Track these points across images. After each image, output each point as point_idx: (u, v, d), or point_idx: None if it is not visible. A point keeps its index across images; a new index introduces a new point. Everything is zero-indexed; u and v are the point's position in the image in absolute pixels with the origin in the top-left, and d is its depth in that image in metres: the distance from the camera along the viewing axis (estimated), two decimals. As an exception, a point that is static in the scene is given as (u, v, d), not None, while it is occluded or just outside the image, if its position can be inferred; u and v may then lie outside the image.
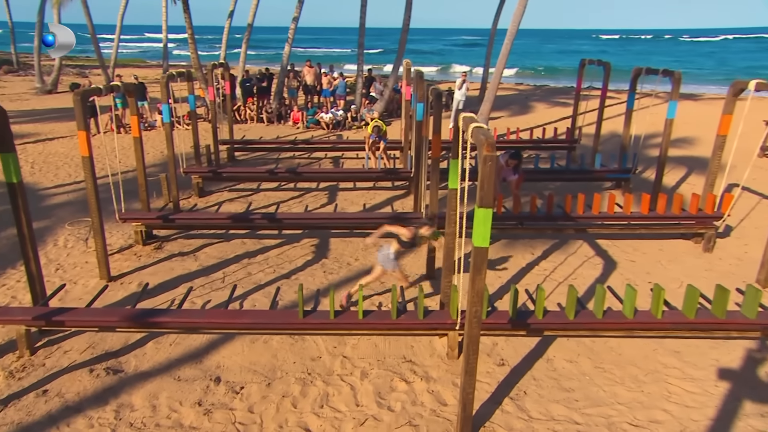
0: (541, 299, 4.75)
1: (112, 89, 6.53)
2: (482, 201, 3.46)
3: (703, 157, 12.82)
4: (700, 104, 23.57)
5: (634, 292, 4.72)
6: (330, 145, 13.30)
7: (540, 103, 24.07)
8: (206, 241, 7.99)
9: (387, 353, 5.25)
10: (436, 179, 6.31)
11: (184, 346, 5.28)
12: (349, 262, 7.37)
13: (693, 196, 7.70)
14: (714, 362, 5.24)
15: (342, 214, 8.43)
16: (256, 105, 18.75)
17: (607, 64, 11.69)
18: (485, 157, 3.36)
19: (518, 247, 7.93)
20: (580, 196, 7.67)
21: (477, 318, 3.72)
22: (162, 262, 7.23)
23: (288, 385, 4.73)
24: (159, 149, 13.65)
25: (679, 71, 9.07)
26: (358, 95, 19.50)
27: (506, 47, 15.95)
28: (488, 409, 4.51)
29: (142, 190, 7.74)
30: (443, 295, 5.32)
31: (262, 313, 5.17)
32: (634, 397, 4.71)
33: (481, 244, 3.55)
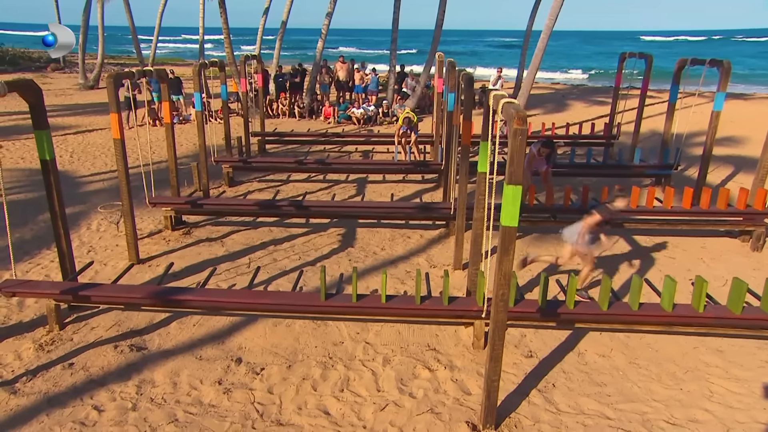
0: (572, 288, 4.52)
1: (144, 74, 6.61)
2: (511, 178, 3.29)
3: (751, 157, 12.15)
4: (750, 103, 22.47)
5: (674, 283, 4.44)
6: (361, 139, 13.24)
7: (577, 102, 23.45)
8: (234, 228, 8.02)
9: (411, 341, 5.11)
10: (466, 167, 6.13)
11: (207, 327, 5.27)
12: (375, 252, 7.26)
13: (741, 191, 7.26)
14: (762, 364, 4.89)
15: (369, 203, 8.34)
16: (288, 100, 18.89)
17: (649, 56, 11.23)
18: (515, 131, 3.19)
19: (550, 240, 7.65)
20: (617, 189, 7.31)
21: (504, 301, 3.54)
22: (189, 247, 7.28)
23: (309, 368, 4.65)
24: (193, 141, 13.86)
25: (728, 60, 8.61)
26: (390, 91, 19.41)
27: (542, 42, 15.59)
28: (514, 401, 4.32)
29: (173, 176, 7.83)
30: (470, 282, 5.14)
31: (285, 294, 5.11)
32: (671, 395, 4.43)
33: (510, 224, 3.38)
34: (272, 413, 4.10)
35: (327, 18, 19.91)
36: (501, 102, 3.56)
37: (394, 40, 19.07)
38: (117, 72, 6.05)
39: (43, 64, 34.11)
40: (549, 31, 15.14)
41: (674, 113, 10.28)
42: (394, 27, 18.83)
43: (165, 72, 7.11)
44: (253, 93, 17.30)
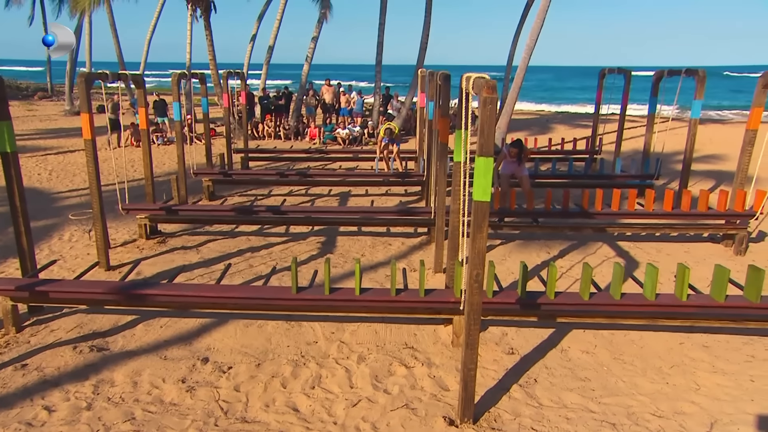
0: (552, 277, 4.38)
1: (119, 77, 6.51)
2: (482, 149, 3.19)
3: (730, 171, 12.40)
4: (727, 126, 23.31)
5: (656, 270, 4.33)
6: (345, 156, 13.19)
7: (560, 125, 23.81)
8: (211, 237, 7.82)
9: (388, 339, 4.91)
10: (444, 166, 6.05)
11: (174, 329, 5.03)
12: (355, 257, 7.08)
13: (721, 193, 7.25)
14: (748, 358, 4.75)
15: (350, 207, 8.17)
16: (273, 122, 18.90)
17: (628, 72, 11.41)
18: (485, 99, 3.11)
19: (534, 246, 7.54)
20: (598, 192, 7.28)
21: (478, 283, 3.39)
22: (163, 255, 7.06)
23: (279, 366, 4.42)
24: (176, 161, 13.73)
25: (703, 70, 8.74)
26: (375, 112, 19.53)
27: (524, 61, 15.84)
28: (494, 396, 4.11)
29: (148, 184, 7.65)
30: (448, 277, 4.98)
31: (254, 288, 4.91)
32: (657, 389, 4.26)
33: (482, 198, 3.26)
34: (237, 411, 3.86)
35: (313, 42, 20.19)
36: (472, 78, 3.49)
37: (378, 62, 19.29)
38: (89, 72, 5.95)
39: (30, 93, 34.15)
40: (531, 49, 15.44)
41: (654, 124, 10.40)
42: (379, 50, 19.08)
43: (141, 78, 7.02)
44: (237, 114, 17.30)
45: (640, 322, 4.67)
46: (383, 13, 18.79)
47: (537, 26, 15.38)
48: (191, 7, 16.86)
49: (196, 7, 16.64)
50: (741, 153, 7.64)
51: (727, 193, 7.30)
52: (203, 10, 16.44)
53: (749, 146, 7.53)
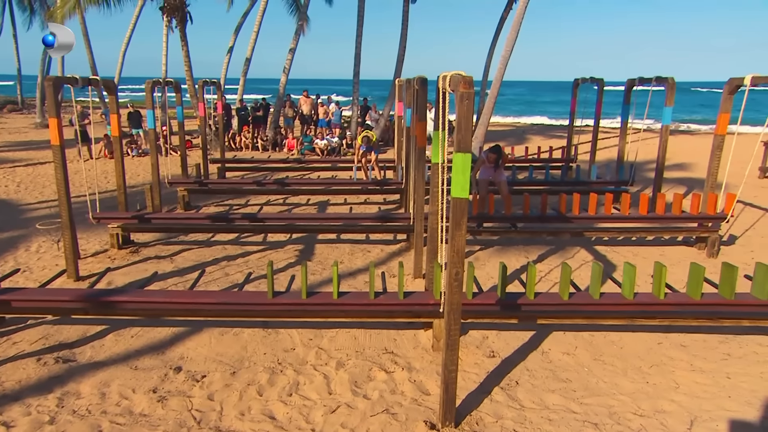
0: (532, 278, 4.36)
1: (90, 82, 6.35)
2: (460, 145, 3.16)
3: (699, 178, 12.79)
4: (696, 137, 24.15)
5: (633, 268, 4.34)
6: (324, 165, 13.11)
7: (536, 136, 24.21)
8: (186, 247, 7.64)
9: (367, 345, 4.81)
10: (422, 170, 6.02)
11: (146, 338, 4.85)
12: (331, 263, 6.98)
13: (693, 197, 7.37)
14: (725, 356, 4.79)
15: (328, 214, 8.08)
16: (251, 134, 18.75)
17: (601, 80, 11.63)
18: (462, 95, 3.09)
19: (512, 251, 7.56)
20: (575, 197, 7.34)
21: (458, 282, 3.34)
22: (136, 264, 6.86)
23: (255, 374, 4.29)
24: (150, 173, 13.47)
25: (672, 78, 8.95)
26: (353, 123, 19.53)
27: (500, 72, 16.05)
28: (475, 399, 4.04)
29: (120, 192, 7.45)
30: (427, 281, 4.92)
31: (228, 294, 4.77)
32: (638, 388, 4.25)
33: (460, 195, 3.23)
34: (211, 420, 3.71)
35: (290, 53, 20.17)
36: (448, 76, 3.47)
37: (356, 73, 19.35)
38: (57, 76, 5.79)
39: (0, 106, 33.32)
40: (508, 55, 15.68)
41: (627, 132, 10.60)
42: (356, 61, 19.15)
43: (112, 82, 6.86)
44: (214, 125, 17.08)
45: (619, 322, 4.67)
46: (360, 25, 18.91)
47: (512, 37, 15.64)
48: (167, 18, 16.69)
49: (171, 18, 16.49)
50: (711, 158, 7.80)
51: (700, 196, 7.43)
52: (179, 21, 16.32)
53: (718, 151, 7.70)
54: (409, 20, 19.70)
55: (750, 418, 3.91)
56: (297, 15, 25.20)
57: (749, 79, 7.16)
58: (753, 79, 7.12)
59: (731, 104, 7.54)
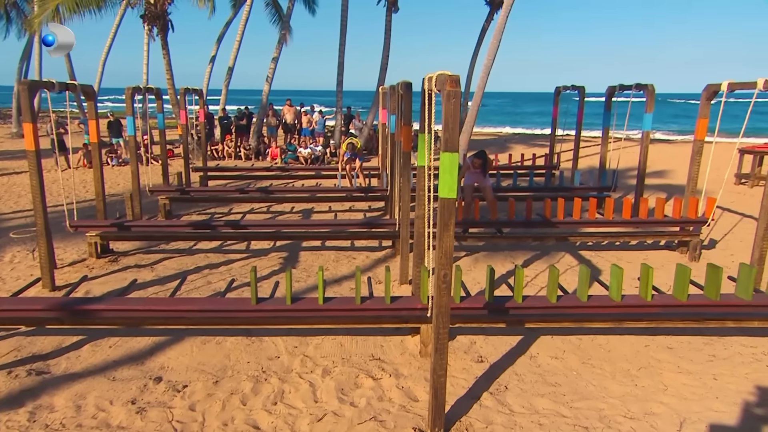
0: (520, 281, 4.32)
1: (68, 87, 6.21)
2: (447, 144, 3.12)
3: (678, 185, 13.02)
4: (673, 146, 24.67)
5: (621, 270, 4.34)
6: (308, 173, 13.02)
7: (518, 145, 24.45)
8: (167, 255, 7.48)
9: (353, 352, 4.72)
10: (408, 175, 5.98)
11: (125, 348, 4.70)
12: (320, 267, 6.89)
13: (675, 201, 7.46)
14: (710, 358, 4.81)
15: (313, 221, 7.98)
16: (234, 142, 18.58)
17: (582, 88, 11.78)
18: (448, 93, 3.05)
19: (498, 257, 7.54)
20: (560, 201, 7.37)
21: (446, 284, 3.28)
22: (115, 273, 6.68)
23: (238, 383, 4.17)
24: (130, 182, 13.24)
25: (652, 84, 9.09)
26: (337, 131, 19.50)
27: (482, 80, 16.16)
28: (465, 404, 3.98)
29: (99, 200, 7.27)
30: (414, 286, 4.86)
31: (210, 300, 4.64)
32: (627, 391, 4.23)
33: (448, 195, 3.18)
34: (193, 431, 3.58)
35: (273, 62, 20.09)
36: (434, 76, 3.44)
37: (339, 82, 19.34)
38: (32, 80, 5.64)
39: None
40: (490, 64, 15.78)
41: (608, 138, 10.72)
42: (340, 69, 19.15)
43: (91, 88, 6.72)
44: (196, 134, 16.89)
45: (607, 324, 4.66)
46: (343, 34, 18.94)
47: (494, 46, 15.74)
48: (147, 26, 16.52)
49: (152, 26, 16.33)
50: (691, 163, 7.90)
51: (681, 201, 7.51)
52: (160, 29, 16.17)
53: (698, 156, 7.81)
54: (392, 30, 19.84)
55: (737, 418, 3.91)
56: (280, 25, 25.21)
57: (726, 86, 7.28)
58: (729, 85, 7.24)
59: (709, 110, 7.67)
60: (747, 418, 3.90)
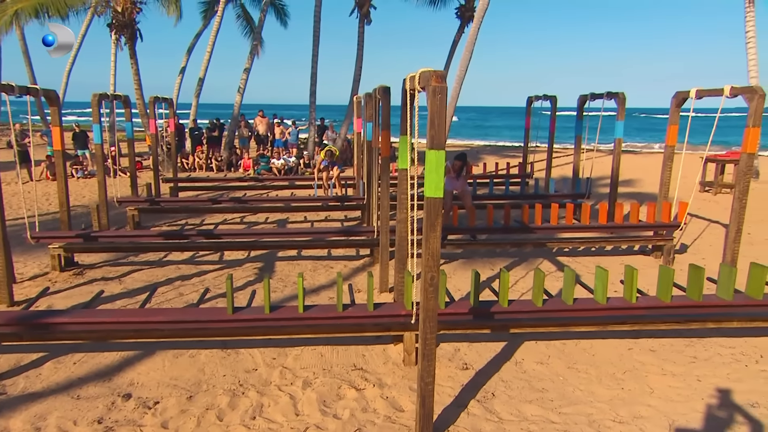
0: (505, 285, 4.24)
1: (29, 91, 5.91)
2: (433, 142, 3.03)
3: (646, 192, 13.33)
4: (639, 156, 25.41)
5: (606, 272, 4.30)
6: (282, 183, 12.80)
7: (490, 156, 24.67)
8: (136, 267, 7.17)
9: (335, 362, 4.55)
10: (386, 181, 5.89)
11: (91, 365, 4.42)
12: (296, 282, 6.69)
13: (649, 206, 7.56)
14: (692, 359, 4.81)
15: (289, 229, 7.77)
16: (205, 154, 18.21)
17: (554, 97, 11.96)
18: (434, 89, 2.97)
19: (477, 264, 7.47)
20: (537, 207, 7.38)
21: (434, 287, 3.17)
22: (79, 287, 6.35)
23: (214, 397, 3.94)
24: (97, 194, 12.78)
25: (623, 92, 9.26)
26: (310, 143, 19.34)
27: (455, 91, 16.33)
28: (452, 413, 3.85)
29: (63, 210, 6.92)
30: (396, 293, 4.73)
31: (183, 311, 4.41)
32: (614, 395, 4.18)
33: (434, 195, 3.09)
34: (165, 450, 3.35)
35: (245, 73, 19.88)
36: (417, 74, 3.36)
37: (312, 93, 19.24)
38: (-9, 83, 5.35)
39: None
40: (457, 93, 16.04)
41: (581, 146, 10.87)
42: (313, 80, 19.06)
43: (54, 93, 6.42)
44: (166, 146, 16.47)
45: (591, 328, 4.62)
46: (316, 44, 18.89)
47: (466, 57, 15.96)
48: (115, 35, 16.11)
49: (120, 35, 15.95)
50: (662, 168, 8.04)
51: (655, 206, 7.62)
52: (128, 38, 15.81)
53: (669, 161, 7.97)
54: (364, 42, 19.91)
55: (724, 419, 3.89)
56: (251, 37, 25.05)
57: (694, 92, 7.46)
58: (697, 92, 7.43)
59: (678, 116, 7.84)
60: (733, 418, 3.89)
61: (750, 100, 6.51)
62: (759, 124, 6.54)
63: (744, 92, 6.64)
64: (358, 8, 19.99)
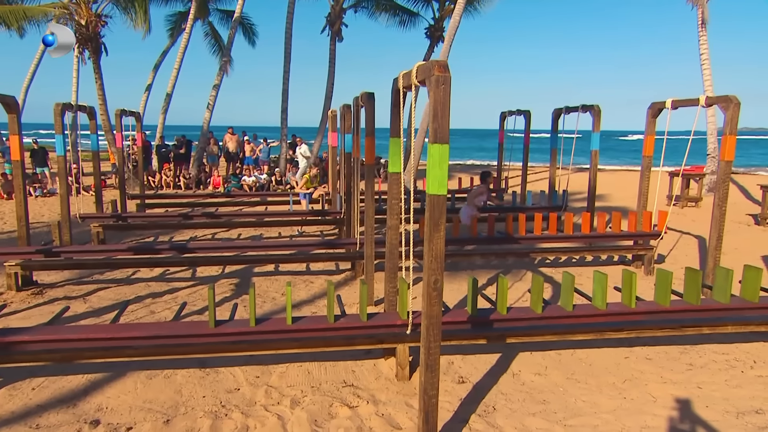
0: (503, 290, 4.06)
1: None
2: (436, 135, 2.85)
3: (617, 206, 13.58)
4: (608, 174, 26.06)
5: (604, 276, 4.18)
6: (252, 200, 12.43)
7: (462, 173, 24.82)
8: (102, 285, 6.70)
9: (323, 379, 4.25)
10: (371, 189, 5.69)
11: (53, 390, 3.99)
12: (275, 297, 6.37)
13: (631, 214, 7.57)
14: (689, 367, 4.71)
15: (266, 242, 7.41)
16: (173, 171, 17.65)
17: (527, 112, 12.08)
18: (437, 79, 2.80)
19: (461, 276, 7.29)
20: (521, 217, 7.30)
21: (437, 291, 2.96)
22: (39, 307, 5.86)
23: (194, 420, 3.59)
24: (57, 212, 12.11)
25: (598, 105, 9.38)
26: (282, 160, 19.01)
27: (426, 113, 16.37)
28: (454, 429, 3.61)
29: (21, 225, 6.42)
30: (387, 303, 4.48)
31: (161, 325, 4.04)
32: (617, 405, 4.01)
33: (438, 192, 2.90)
34: (141, 482, 2.99)
35: (214, 90, 19.52)
36: (414, 68, 3.19)
37: (284, 109, 18.98)
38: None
39: None
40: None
41: (556, 158, 10.96)
42: (284, 97, 18.82)
43: (13, 99, 6.00)
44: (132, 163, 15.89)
45: (589, 336, 4.46)
46: (287, 61, 18.72)
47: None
48: (78, 49, 15.55)
49: (84, 49, 15.41)
50: (641, 178, 8.11)
51: (636, 215, 7.64)
52: (92, 52, 15.28)
53: (647, 171, 8.04)
54: (336, 60, 19.87)
55: (731, 425, 3.76)
56: (219, 55, 24.74)
57: (669, 103, 7.59)
58: (673, 102, 7.55)
59: (655, 126, 7.94)
60: (739, 425, 3.77)
61: (726, 109, 6.63)
62: (735, 132, 6.65)
63: (719, 101, 6.76)
64: (330, 26, 19.99)
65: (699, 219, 12.08)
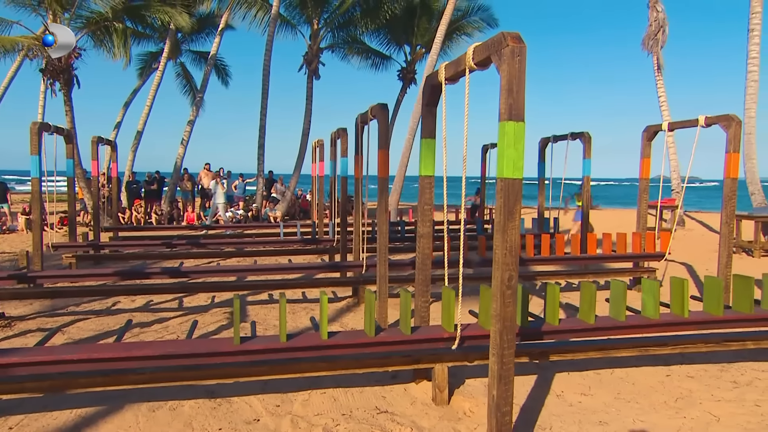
0: (554, 299, 3.72)
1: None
2: (511, 111, 2.57)
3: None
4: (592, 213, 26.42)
5: (656, 284, 3.91)
6: (236, 230, 11.85)
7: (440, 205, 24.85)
8: (80, 317, 6.02)
9: (353, 406, 3.76)
10: (384, 204, 5.35)
11: (35, 428, 3.35)
12: (276, 325, 5.84)
13: (634, 235, 7.46)
14: (734, 384, 4.43)
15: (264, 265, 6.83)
16: (143, 208, 16.86)
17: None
18: (512, 50, 2.55)
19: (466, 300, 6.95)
20: (528, 238, 7.06)
21: (511, 289, 2.61)
22: (9, 340, 5.15)
23: (214, 456, 3.04)
24: (19, 248, 11.20)
25: (588, 132, 9.43)
26: (259, 195, 18.50)
27: (408, 142, 16.38)
28: (515, 454, 3.18)
29: (-11, 250, 5.74)
30: (418, 318, 4.06)
31: (176, 343, 3.47)
32: (680, 425, 3.66)
33: (513, 175, 2.59)
34: None
35: (189, 125, 19.11)
36: (471, 47, 2.95)
37: (261, 145, 18.63)
38: None
39: None
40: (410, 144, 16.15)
41: (544, 188, 10.94)
42: (261, 133, 18.52)
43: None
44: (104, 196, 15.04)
45: (631, 352, 4.14)
46: (265, 97, 18.54)
47: (418, 109, 16.16)
48: (49, 81, 14.88)
49: (54, 81, 14.76)
50: (639, 200, 8.09)
51: (640, 235, 7.54)
52: (63, 84, 14.64)
53: (645, 194, 8.03)
54: (313, 97, 19.85)
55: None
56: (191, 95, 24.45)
57: (666, 125, 7.67)
58: (670, 124, 7.64)
59: (650, 149, 7.99)
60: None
61: (727, 128, 6.69)
62: (738, 149, 6.70)
63: (720, 120, 6.82)
64: (307, 65, 20.05)
65: (678, 248, 12.15)
